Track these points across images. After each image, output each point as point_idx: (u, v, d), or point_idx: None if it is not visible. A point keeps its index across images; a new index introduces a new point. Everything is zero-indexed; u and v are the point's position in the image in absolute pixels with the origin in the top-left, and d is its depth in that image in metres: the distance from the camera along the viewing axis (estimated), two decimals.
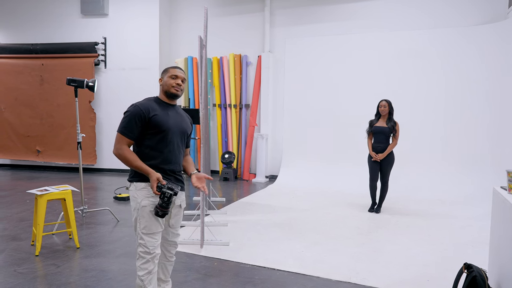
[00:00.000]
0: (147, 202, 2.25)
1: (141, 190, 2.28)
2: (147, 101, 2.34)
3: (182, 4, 9.02)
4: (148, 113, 2.26)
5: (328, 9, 7.91)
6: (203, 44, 4.35)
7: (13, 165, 9.60)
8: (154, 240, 2.27)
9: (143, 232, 2.26)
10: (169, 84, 2.36)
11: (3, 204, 5.79)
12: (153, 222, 2.26)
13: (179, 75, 2.40)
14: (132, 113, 2.25)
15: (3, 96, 9.20)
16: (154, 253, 2.28)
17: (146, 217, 2.26)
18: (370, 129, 5.43)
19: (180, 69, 2.44)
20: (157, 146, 2.29)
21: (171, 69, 2.42)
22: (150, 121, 2.26)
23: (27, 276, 3.21)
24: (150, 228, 2.26)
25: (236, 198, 6.45)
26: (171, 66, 2.50)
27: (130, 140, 2.27)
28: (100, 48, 8.85)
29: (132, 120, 2.25)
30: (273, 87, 8.42)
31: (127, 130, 2.25)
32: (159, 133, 2.28)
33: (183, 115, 2.49)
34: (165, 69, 2.44)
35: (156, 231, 2.28)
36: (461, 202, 6.00)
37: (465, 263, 2.61)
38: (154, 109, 2.29)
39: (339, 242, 4.15)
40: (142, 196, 2.26)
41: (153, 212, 2.24)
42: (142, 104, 2.29)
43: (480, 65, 6.71)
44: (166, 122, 2.30)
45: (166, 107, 2.37)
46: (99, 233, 4.41)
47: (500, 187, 2.86)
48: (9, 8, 9.37)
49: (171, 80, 2.37)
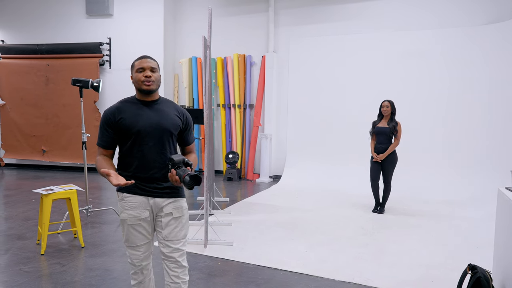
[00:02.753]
0: (125, 216, 2.09)
1: (120, 201, 2.12)
2: (118, 104, 2.12)
3: (186, 5, 9.04)
4: (114, 118, 2.06)
5: (333, 9, 7.89)
6: (207, 45, 4.36)
7: (19, 164, 9.67)
8: (138, 253, 2.13)
9: (126, 244, 2.15)
10: (138, 80, 2.07)
11: (9, 203, 5.84)
12: (134, 235, 2.10)
13: (146, 65, 2.07)
14: (101, 121, 2.10)
15: (9, 96, 9.27)
16: (141, 266, 2.16)
17: (126, 230, 2.11)
18: (372, 129, 5.44)
19: (147, 57, 2.11)
20: (130, 152, 2.07)
21: (137, 62, 2.09)
22: (119, 125, 2.06)
23: (33, 275, 3.23)
24: (132, 241, 2.12)
25: (240, 198, 6.46)
26: (137, 58, 2.14)
27: (104, 150, 2.10)
28: (105, 49, 8.89)
29: (102, 127, 2.09)
30: (277, 87, 8.42)
31: (99, 139, 2.11)
32: (130, 137, 2.06)
33: (167, 110, 2.15)
34: (132, 64, 2.13)
35: (140, 243, 2.12)
36: (465, 203, 5.97)
37: (469, 264, 2.60)
38: (123, 110, 2.07)
39: (342, 243, 4.15)
40: (121, 208, 2.11)
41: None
42: (109, 109, 2.09)
43: (484, 65, 6.67)
44: (135, 123, 2.05)
45: (140, 106, 2.10)
46: (104, 233, 4.44)
47: (505, 188, 2.85)
48: (14, 8, 9.44)
49: (139, 75, 2.07)
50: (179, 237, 2.14)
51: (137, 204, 2.08)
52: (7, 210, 5.39)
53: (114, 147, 2.13)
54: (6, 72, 9.26)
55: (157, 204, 2.11)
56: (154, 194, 2.10)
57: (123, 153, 2.11)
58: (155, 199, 2.10)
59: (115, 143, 2.12)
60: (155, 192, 2.10)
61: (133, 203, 2.09)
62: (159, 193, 2.10)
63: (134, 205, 2.08)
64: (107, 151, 2.11)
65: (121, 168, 2.11)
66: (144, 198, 2.09)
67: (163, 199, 2.11)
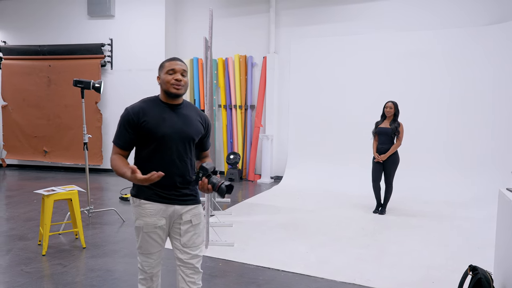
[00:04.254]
0: (140, 223, 2.02)
1: (136, 208, 2.04)
2: (141, 103, 2.04)
3: (187, 5, 9.06)
4: (138, 119, 1.96)
5: (334, 9, 7.89)
6: (208, 45, 4.37)
7: (21, 165, 9.69)
8: (151, 260, 2.07)
9: (139, 251, 2.08)
10: (166, 81, 2.00)
11: (10, 204, 5.85)
12: (149, 243, 2.04)
13: (177, 68, 2.01)
14: (122, 119, 2.00)
15: (11, 97, 9.29)
16: (151, 273, 2.10)
17: (140, 237, 2.04)
18: (375, 130, 5.44)
19: (178, 60, 2.06)
20: (151, 157, 1.99)
21: (167, 63, 2.04)
22: (141, 128, 1.96)
23: (34, 275, 3.24)
24: (146, 249, 2.05)
25: (241, 198, 6.46)
26: (167, 59, 2.08)
27: (121, 150, 2.01)
28: (106, 50, 8.90)
29: (122, 126, 1.99)
30: (278, 88, 8.42)
31: (117, 138, 2.01)
32: (152, 142, 1.98)
33: (191, 116, 2.09)
34: (161, 64, 2.07)
35: (153, 251, 2.06)
36: (466, 204, 5.96)
37: (470, 265, 2.60)
38: (146, 113, 1.98)
39: (344, 243, 4.15)
40: (137, 214, 2.03)
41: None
42: (133, 108, 2.00)
43: (487, 65, 6.65)
44: (160, 128, 1.97)
45: (164, 109, 2.03)
46: (105, 233, 4.44)
47: (506, 189, 2.85)
48: (16, 10, 9.47)
49: (168, 76, 2.00)
50: (198, 243, 2.11)
51: (154, 212, 2.01)
52: (8, 211, 5.41)
53: (131, 149, 2.04)
54: (8, 73, 9.28)
55: (177, 211, 2.05)
56: (174, 202, 2.04)
57: (142, 157, 2.02)
58: (175, 206, 2.04)
59: (133, 145, 2.03)
60: (174, 200, 2.03)
61: (151, 210, 2.01)
62: (178, 200, 2.04)
63: (152, 213, 2.01)
64: (124, 152, 2.02)
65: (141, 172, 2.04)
66: (162, 206, 2.01)
67: (182, 206, 2.06)
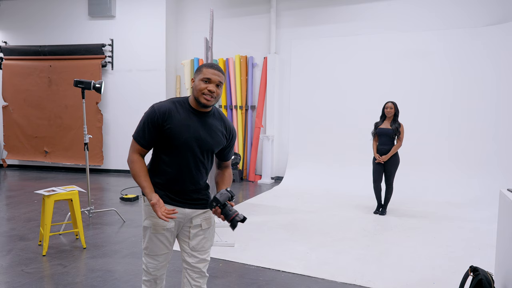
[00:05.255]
0: (148, 223, 2.00)
1: (146, 207, 2.01)
2: (169, 103, 1.95)
3: (188, 6, 9.06)
4: (163, 120, 1.90)
5: (335, 10, 7.89)
6: (208, 46, 4.37)
7: (21, 165, 9.69)
8: (156, 262, 2.04)
9: (145, 252, 2.06)
10: (199, 89, 1.89)
11: (11, 204, 5.86)
12: (156, 244, 2.01)
13: (214, 78, 1.89)
14: (146, 116, 1.93)
15: (12, 97, 9.30)
16: (156, 276, 2.07)
17: (147, 238, 2.02)
18: (374, 131, 5.44)
19: (217, 68, 1.93)
20: (170, 160, 1.95)
21: (205, 69, 1.92)
22: (164, 130, 1.90)
23: (34, 275, 3.24)
24: (152, 250, 2.03)
25: (242, 199, 6.46)
26: (207, 64, 1.96)
27: (142, 148, 1.96)
28: (107, 50, 8.91)
29: (145, 124, 1.92)
30: (279, 88, 8.42)
31: (138, 135, 1.95)
32: (171, 147, 1.93)
33: (216, 127, 2.01)
34: (198, 68, 1.95)
35: (160, 253, 2.03)
36: (467, 205, 5.95)
37: (471, 266, 2.59)
38: (172, 115, 1.91)
39: (344, 244, 4.14)
40: (146, 214, 2.01)
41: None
42: (160, 107, 1.92)
43: (489, 66, 6.64)
44: (182, 134, 1.91)
45: (190, 115, 1.95)
46: (106, 234, 4.44)
47: (507, 190, 2.84)
48: (17, 10, 9.48)
49: (202, 85, 1.89)
50: (206, 247, 2.09)
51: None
52: (9, 211, 5.41)
53: (151, 148, 2.00)
54: (9, 74, 9.29)
55: (187, 214, 2.03)
56: (185, 205, 2.02)
57: (160, 159, 1.98)
58: (185, 209, 2.02)
59: (154, 144, 1.98)
60: (185, 203, 2.01)
61: None
62: (190, 204, 2.03)
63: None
64: (144, 150, 1.98)
65: (153, 172, 2.00)
66: (173, 208, 1.98)
67: (193, 210, 2.04)
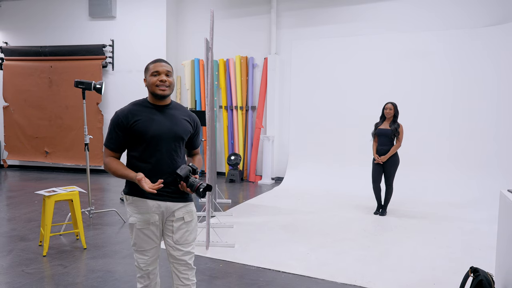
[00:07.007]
0: (133, 220, 2.08)
1: (129, 205, 2.11)
2: (130, 106, 2.10)
3: (188, 7, 9.07)
4: (127, 121, 2.03)
5: (335, 10, 7.90)
6: (209, 47, 4.37)
7: (22, 166, 9.70)
8: (145, 257, 2.12)
9: (134, 248, 2.13)
10: (151, 83, 2.06)
11: (11, 204, 5.86)
12: (143, 239, 2.09)
13: (161, 69, 2.06)
14: (112, 123, 2.07)
15: (13, 98, 9.32)
16: (147, 270, 2.14)
17: (134, 234, 2.09)
18: (374, 131, 5.44)
19: (162, 61, 2.11)
20: (142, 156, 2.06)
21: (151, 65, 2.09)
22: (132, 129, 2.03)
23: (35, 276, 3.24)
24: (140, 246, 2.10)
25: (242, 200, 6.46)
26: (151, 61, 2.13)
27: (113, 152, 2.09)
28: (107, 51, 8.92)
29: (112, 130, 2.06)
30: (279, 89, 8.42)
31: (108, 141, 2.08)
32: (142, 142, 2.05)
33: (179, 116, 2.16)
34: (146, 67, 2.12)
35: (148, 248, 2.11)
36: (468, 205, 5.95)
37: (471, 266, 2.59)
38: (135, 115, 2.05)
39: (344, 245, 4.14)
40: (131, 212, 2.10)
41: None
42: (122, 112, 2.07)
43: (489, 66, 6.64)
44: (149, 129, 2.04)
45: (152, 111, 2.09)
46: (106, 234, 4.45)
47: (507, 190, 2.84)
48: (18, 11, 9.49)
49: (153, 78, 2.06)
50: (190, 240, 2.16)
51: (147, 208, 2.07)
52: (9, 212, 5.41)
53: (123, 151, 2.12)
54: (9, 74, 9.31)
55: (169, 208, 2.10)
56: (166, 199, 2.09)
57: (133, 157, 2.09)
58: (167, 203, 2.09)
59: (125, 147, 2.10)
60: (166, 196, 2.08)
61: (143, 207, 2.07)
62: (170, 197, 2.10)
63: (144, 209, 2.07)
64: (116, 154, 2.10)
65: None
66: (154, 202, 2.07)
67: (174, 203, 2.11)
